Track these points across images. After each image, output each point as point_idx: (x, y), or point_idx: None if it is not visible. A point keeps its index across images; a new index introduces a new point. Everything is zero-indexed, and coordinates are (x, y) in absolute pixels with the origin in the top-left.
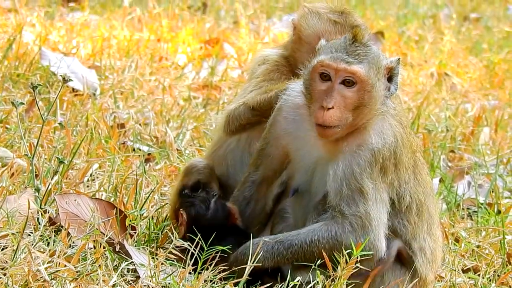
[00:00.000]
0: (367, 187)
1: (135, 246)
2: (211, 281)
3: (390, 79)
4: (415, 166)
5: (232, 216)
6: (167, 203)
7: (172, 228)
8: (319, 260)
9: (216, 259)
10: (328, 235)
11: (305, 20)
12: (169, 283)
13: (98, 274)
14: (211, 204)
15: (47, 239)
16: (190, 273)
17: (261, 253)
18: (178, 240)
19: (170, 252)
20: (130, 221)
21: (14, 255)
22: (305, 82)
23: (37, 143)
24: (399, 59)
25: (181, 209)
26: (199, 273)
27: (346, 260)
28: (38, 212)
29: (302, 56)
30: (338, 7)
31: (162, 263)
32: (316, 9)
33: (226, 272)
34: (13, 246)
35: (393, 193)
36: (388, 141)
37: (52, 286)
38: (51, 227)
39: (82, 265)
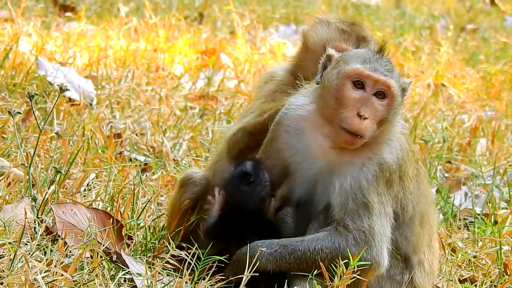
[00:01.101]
0: (372, 201)
1: (132, 255)
2: None
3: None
4: (418, 175)
5: (269, 208)
6: (163, 213)
7: (169, 237)
8: (316, 270)
9: (213, 269)
10: (331, 245)
11: (314, 29)
12: None
13: (95, 283)
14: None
15: (44, 249)
16: (187, 282)
17: (265, 255)
18: (175, 250)
19: (167, 262)
20: (126, 230)
21: (11, 264)
22: (331, 87)
23: (34, 152)
24: (411, 81)
25: (217, 187)
26: (196, 282)
27: (343, 270)
28: (35, 222)
29: (308, 65)
30: (348, 18)
31: (159, 273)
32: (326, 19)
33: (223, 282)
34: (10, 255)
35: (398, 204)
36: (397, 155)
37: None
38: (48, 236)
39: (79, 274)
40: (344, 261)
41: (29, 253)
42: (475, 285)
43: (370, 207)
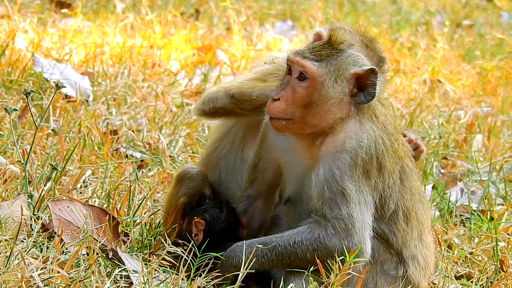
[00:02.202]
0: (349, 189)
1: (128, 252)
2: (204, 287)
3: (362, 87)
4: (402, 172)
5: (242, 223)
6: (160, 210)
7: (165, 234)
8: (312, 267)
9: (210, 266)
10: (310, 236)
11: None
12: None
13: (91, 280)
14: (223, 207)
15: (40, 246)
16: (183, 279)
17: (246, 255)
18: (171, 247)
19: (163, 259)
20: (123, 227)
21: (7, 262)
22: None
23: (30, 149)
24: (371, 69)
25: (196, 218)
26: (192, 279)
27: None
28: (31, 219)
29: None
30: (366, 32)
31: (155, 270)
32: (348, 27)
33: (220, 279)
34: (6, 252)
35: (377, 197)
36: (365, 144)
37: None
38: (44, 233)
39: (75, 271)
40: (326, 253)
41: (25, 250)
42: (471, 282)
43: (347, 195)
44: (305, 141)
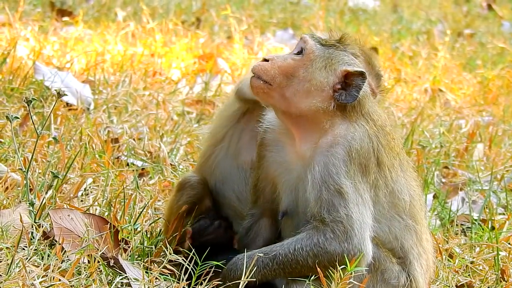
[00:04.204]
0: (346, 187)
1: (129, 260)
2: None
3: (347, 86)
4: (401, 165)
5: (233, 239)
6: (160, 218)
7: (166, 242)
8: (314, 276)
9: (210, 274)
10: (310, 242)
11: None
12: None
13: None
14: (214, 222)
15: (41, 253)
16: (184, 287)
17: (248, 267)
18: (172, 255)
19: (164, 267)
20: (123, 235)
21: (9, 269)
22: None
23: (32, 157)
24: (361, 72)
25: (188, 227)
26: (193, 287)
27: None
28: (32, 226)
29: None
30: (365, 46)
31: (156, 278)
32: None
33: (221, 287)
34: (7, 260)
35: (383, 194)
36: (358, 137)
37: None
38: (45, 241)
39: (76, 279)
40: (327, 257)
41: (27, 258)
42: None
43: (344, 194)
44: (298, 143)
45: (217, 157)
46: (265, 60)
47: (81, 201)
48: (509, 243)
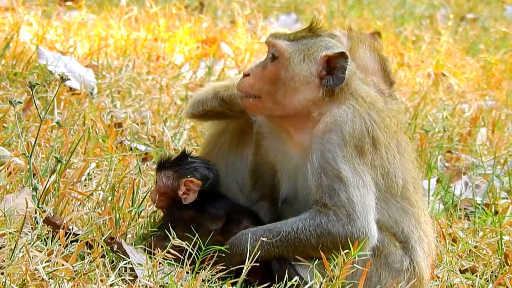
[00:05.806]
0: (344, 171)
1: (133, 245)
2: (208, 280)
3: (332, 70)
4: (398, 146)
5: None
6: None
7: (170, 227)
8: (317, 260)
9: (214, 259)
10: (313, 222)
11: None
12: (167, 283)
13: (95, 273)
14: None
15: (44, 239)
16: (187, 272)
17: (252, 243)
18: (176, 240)
19: (168, 252)
20: (127, 220)
21: (12, 254)
22: None
23: (35, 142)
24: (342, 52)
25: (189, 176)
26: (197, 272)
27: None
28: (35, 211)
29: None
30: (381, 50)
31: (159, 263)
32: (367, 41)
33: (224, 272)
34: (10, 245)
35: (379, 176)
36: (349, 119)
37: (50, 285)
38: (48, 226)
39: (79, 264)
40: (330, 239)
41: (30, 243)
42: (476, 275)
43: (344, 178)
44: (294, 136)
45: (221, 149)
46: (246, 75)
47: (85, 185)
48: None
